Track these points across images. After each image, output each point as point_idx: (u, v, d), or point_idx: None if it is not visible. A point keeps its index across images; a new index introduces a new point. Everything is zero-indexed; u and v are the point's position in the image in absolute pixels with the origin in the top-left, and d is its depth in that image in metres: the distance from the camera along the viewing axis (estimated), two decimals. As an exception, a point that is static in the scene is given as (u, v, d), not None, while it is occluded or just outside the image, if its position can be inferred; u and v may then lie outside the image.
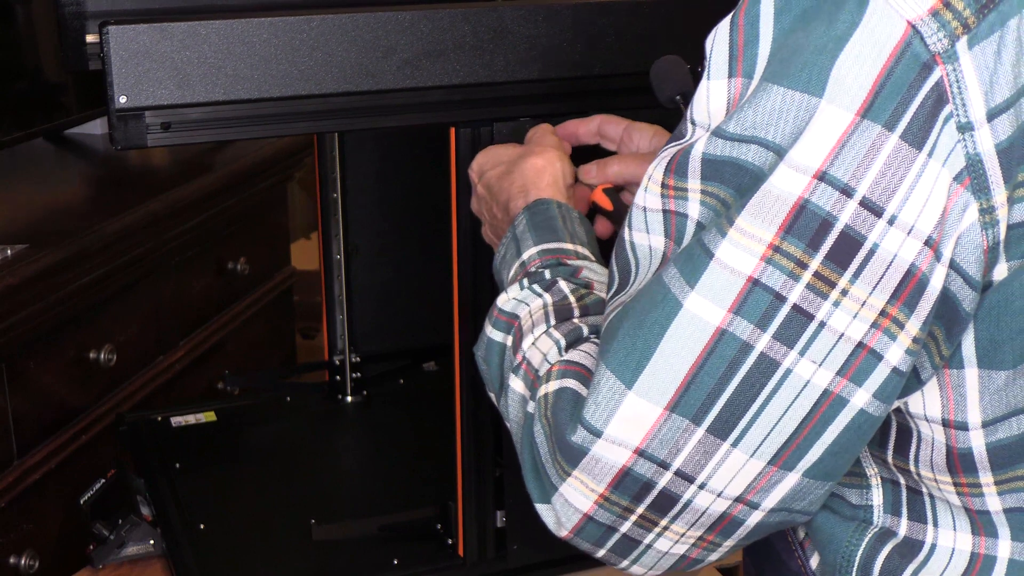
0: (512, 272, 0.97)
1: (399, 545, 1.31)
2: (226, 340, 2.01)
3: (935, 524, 0.82)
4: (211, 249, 1.98)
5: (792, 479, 0.76)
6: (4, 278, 1.43)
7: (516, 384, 0.87)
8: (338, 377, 1.66)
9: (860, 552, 0.84)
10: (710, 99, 0.76)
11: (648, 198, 0.78)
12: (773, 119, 0.71)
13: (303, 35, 1.08)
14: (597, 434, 0.76)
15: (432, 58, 1.12)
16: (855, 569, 0.83)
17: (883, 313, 0.71)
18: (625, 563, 0.82)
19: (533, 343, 0.87)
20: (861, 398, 0.73)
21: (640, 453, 0.76)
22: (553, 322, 0.88)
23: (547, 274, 0.92)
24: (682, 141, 0.77)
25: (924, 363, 0.75)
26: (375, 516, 1.35)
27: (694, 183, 0.75)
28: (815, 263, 0.70)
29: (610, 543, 0.81)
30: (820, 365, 0.72)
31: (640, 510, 0.78)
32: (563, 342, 0.86)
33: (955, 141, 0.68)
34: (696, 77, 1.02)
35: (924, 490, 0.82)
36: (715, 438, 0.74)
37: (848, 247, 0.70)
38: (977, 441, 0.77)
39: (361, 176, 1.64)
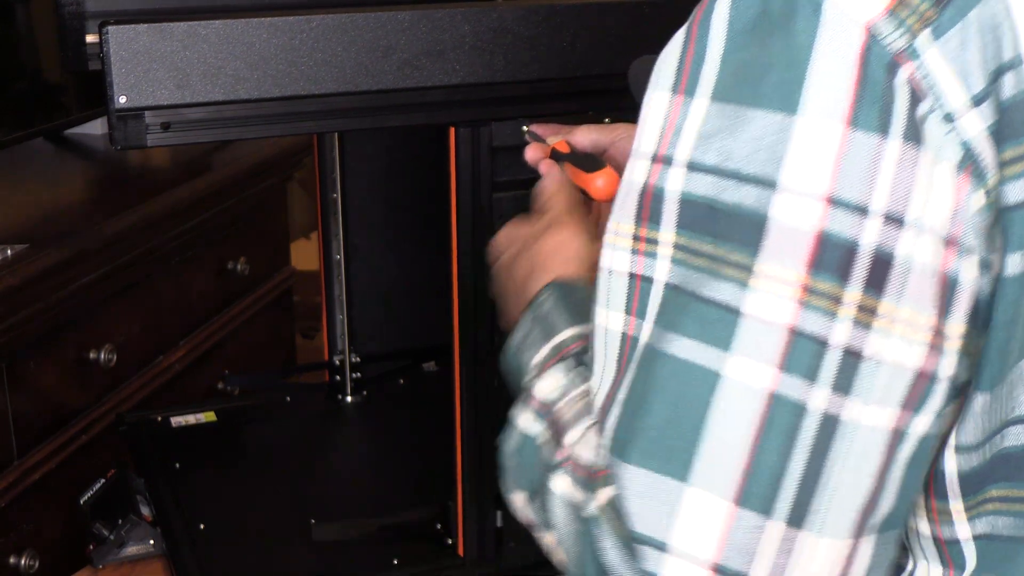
0: (542, 355, 0.86)
1: (399, 545, 1.31)
2: (226, 340, 2.01)
3: (911, 555, 0.79)
4: (211, 249, 1.98)
5: (869, 545, 0.69)
6: (4, 278, 1.43)
7: (561, 485, 0.76)
8: (338, 377, 1.66)
9: None
10: (649, 113, 0.71)
11: (615, 257, 0.72)
12: (749, 146, 0.66)
13: (303, 35, 1.08)
14: (663, 548, 0.67)
15: (432, 58, 1.12)
16: None
17: (932, 330, 0.66)
18: None
19: (581, 437, 0.77)
20: (923, 424, 0.68)
21: (717, 570, 0.66)
22: None
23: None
24: (632, 180, 0.72)
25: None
26: (375, 516, 1.35)
27: (667, 233, 0.68)
28: (851, 295, 0.65)
29: None
30: (882, 405, 0.66)
31: None
32: None
33: (945, 132, 0.66)
34: None
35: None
36: (793, 529, 0.66)
37: (881, 268, 0.65)
38: (950, 465, 0.74)
39: (361, 176, 1.64)
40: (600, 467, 0.74)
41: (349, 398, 1.65)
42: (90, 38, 1.17)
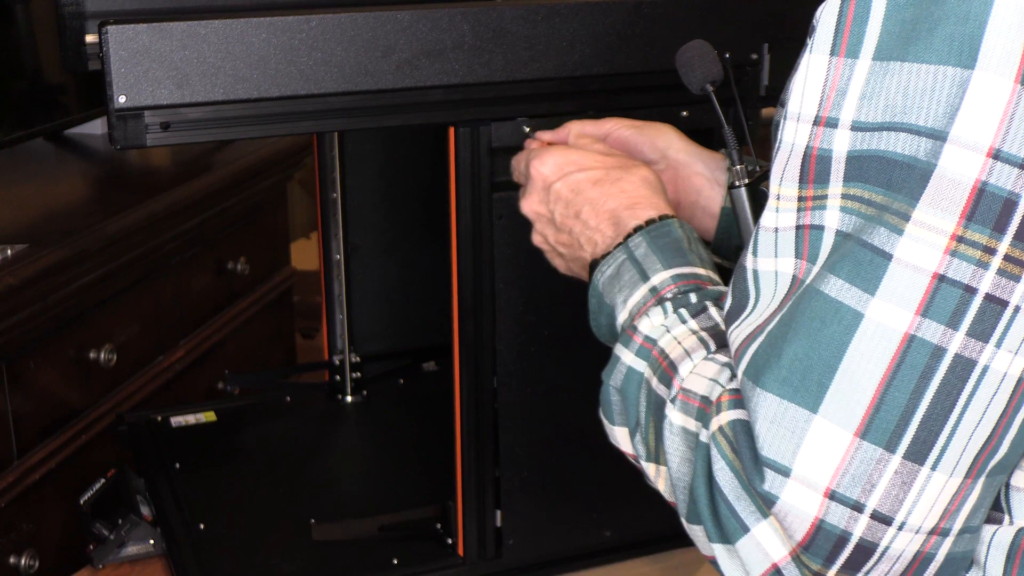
0: (638, 297, 0.90)
1: (399, 545, 1.31)
2: (226, 340, 2.01)
3: (1009, 512, 0.78)
4: (211, 249, 1.98)
5: (978, 486, 0.72)
6: (4, 278, 1.43)
7: (678, 417, 0.80)
8: (338, 377, 1.66)
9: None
10: (808, 77, 0.72)
11: (780, 217, 0.74)
12: (923, 100, 0.67)
13: (302, 35, 1.08)
14: (786, 473, 0.71)
15: (431, 58, 1.12)
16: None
17: None
18: None
19: (692, 371, 0.81)
20: None
21: (831, 496, 0.70)
22: (713, 348, 0.82)
23: (692, 298, 0.87)
24: (793, 144, 0.73)
25: None
26: (375, 516, 1.35)
27: (835, 187, 0.71)
28: (1003, 246, 0.66)
29: None
30: (1016, 353, 0.68)
31: (831, 573, 0.72)
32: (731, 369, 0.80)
33: None
34: (726, 64, 1.01)
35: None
36: (913, 464, 0.69)
37: None
38: None
39: (361, 176, 1.64)
40: (716, 396, 0.77)
41: (349, 398, 1.65)
42: (90, 38, 1.17)
